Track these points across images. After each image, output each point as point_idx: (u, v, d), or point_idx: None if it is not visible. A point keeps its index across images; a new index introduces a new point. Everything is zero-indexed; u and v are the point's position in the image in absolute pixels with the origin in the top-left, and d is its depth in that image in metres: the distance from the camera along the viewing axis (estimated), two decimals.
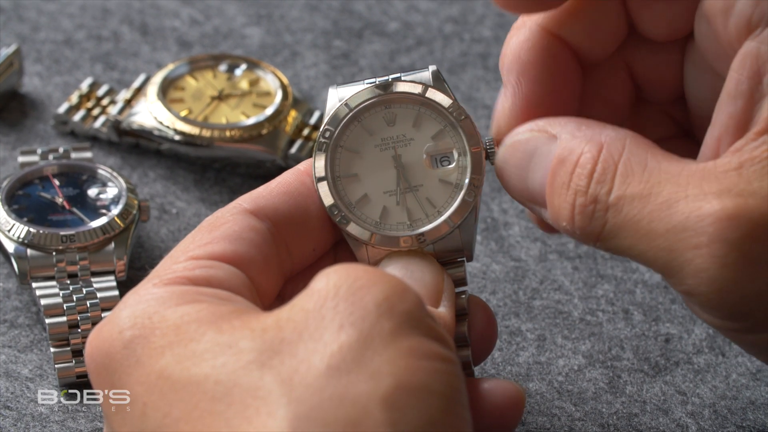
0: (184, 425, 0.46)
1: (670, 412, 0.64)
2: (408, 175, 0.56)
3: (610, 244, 0.51)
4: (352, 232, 0.55)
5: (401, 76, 0.56)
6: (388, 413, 0.45)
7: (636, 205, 0.49)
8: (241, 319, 0.48)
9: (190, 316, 0.49)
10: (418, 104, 0.56)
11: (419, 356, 0.46)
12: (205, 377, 0.47)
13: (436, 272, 0.55)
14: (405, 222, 0.56)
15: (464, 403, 0.48)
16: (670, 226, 0.48)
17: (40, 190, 0.70)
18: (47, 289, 0.66)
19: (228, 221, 0.54)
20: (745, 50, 0.50)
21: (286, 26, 0.86)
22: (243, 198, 0.55)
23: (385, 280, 0.48)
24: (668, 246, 0.49)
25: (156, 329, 0.49)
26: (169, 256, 0.53)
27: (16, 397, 0.63)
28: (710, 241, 0.47)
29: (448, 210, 0.55)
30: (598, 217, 0.50)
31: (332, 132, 0.56)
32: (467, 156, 0.55)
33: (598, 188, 0.51)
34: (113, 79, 0.82)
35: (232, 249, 0.53)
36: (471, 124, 0.55)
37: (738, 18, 0.50)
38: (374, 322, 0.47)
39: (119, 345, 0.49)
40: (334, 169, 0.56)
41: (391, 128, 0.56)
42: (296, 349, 0.46)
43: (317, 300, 0.47)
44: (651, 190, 0.49)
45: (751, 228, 0.47)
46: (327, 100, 0.56)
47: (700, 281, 0.48)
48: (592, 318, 0.68)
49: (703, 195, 0.48)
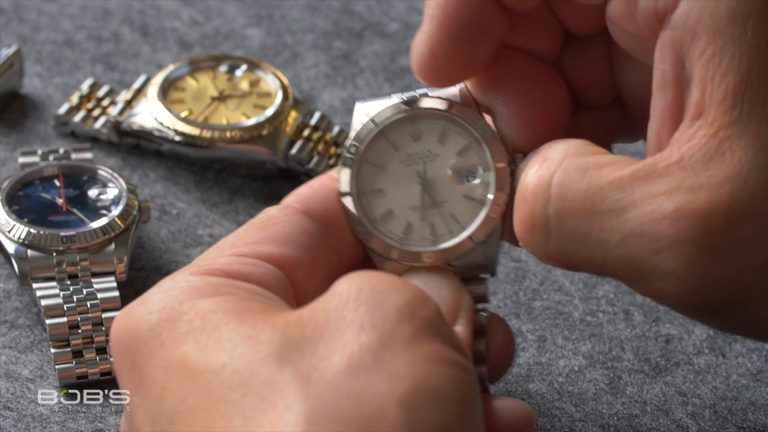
0: (199, 412, 0.47)
1: (670, 413, 0.64)
2: (432, 190, 0.56)
3: (563, 258, 0.50)
4: (375, 248, 0.55)
5: (428, 92, 0.56)
6: (404, 414, 0.45)
7: (579, 216, 0.49)
8: (265, 314, 0.49)
9: (219, 305, 0.49)
10: (444, 120, 0.56)
11: (437, 362, 0.47)
12: (222, 366, 0.47)
13: (454, 290, 0.55)
14: (428, 238, 0.56)
15: (479, 413, 0.48)
16: (624, 234, 0.48)
17: (40, 190, 0.70)
18: (48, 290, 0.66)
19: (280, 221, 0.54)
20: (662, 40, 0.49)
21: (286, 27, 0.86)
22: (293, 198, 0.55)
23: (407, 287, 0.48)
24: (627, 254, 0.48)
25: (184, 315, 0.49)
26: (216, 247, 0.53)
27: (17, 397, 0.63)
28: (672, 243, 0.47)
29: (472, 226, 0.55)
30: (544, 232, 0.50)
31: (358, 147, 0.56)
32: (492, 172, 0.55)
33: (536, 203, 0.50)
34: (114, 80, 0.82)
35: (280, 251, 0.53)
36: (496, 141, 0.55)
37: (644, 13, 0.50)
38: (395, 325, 0.47)
39: (146, 326, 0.50)
40: (359, 184, 0.56)
41: (416, 144, 0.56)
42: (316, 346, 0.47)
43: (339, 301, 0.48)
44: (593, 200, 0.49)
45: (707, 222, 0.47)
46: (353, 115, 0.57)
47: (669, 284, 0.48)
48: (593, 319, 0.68)
49: (652, 198, 0.48)
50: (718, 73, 0.48)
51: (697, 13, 0.48)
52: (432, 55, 0.54)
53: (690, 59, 0.49)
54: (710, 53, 0.48)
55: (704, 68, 0.48)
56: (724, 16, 0.48)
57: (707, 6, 0.48)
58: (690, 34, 0.49)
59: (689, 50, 0.49)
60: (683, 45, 0.49)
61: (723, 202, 0.47)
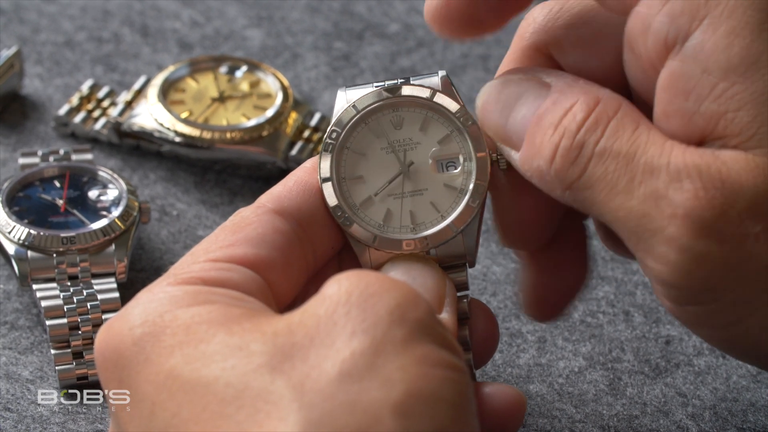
0: (194, 426, 0.46)
1: (670, 414, 0.64)
2: (413, 178, 0.56)
3: (581, 194, 0.51)
4: (355, 234, 0.55)
5: (410, 79, 0.56)
6: (399, 421, 0.45)
7: (620, 161, 0.49)
8: (252, 321, 0.48)
9: (201, 317, 0.49)
10: (425, 108, 0.56)
11: (430, 364, 0.46)
12: (215, 379, 0.47)
13: (438, 277, 0.55)
14: (408, 225, 0.56)
15: (473, 412, 0.48)
16: (649, 190, 0.49)
17: (40, 192, 0.70)
18: (48, 291, 0.66)
19: (253, 222, 0.54)
20: (668, 70, 0.50)
21: (286, 28, 0.86)
22: (266, 197, 0.55)
23: (397, 288, 0.48)
24: (642, 210, 0.49)
25: (167, 328, 0.49)
26: (190, 254, 0.53)
27: (17, 399, 0.64)
28: (686, 213, 0.48)
29: (452, 215, 0.55)
30: (579, 164, 0.50)
31: (339, 133, 0.56)
32: (473, 161, 0.55)
33: (587, 135, 0.50)
34: (114, 80, 0.82)
35: (253, 253, 0.53)
36: (477, 130, 0.55)
37: (655, 37, 0.50)
38: (386, 329, 0.47)
39: (129, 342, 0.49)
40: (339, 170, 0.56)
41: (398, 131, 0.56)
42: (308, 354, 0.46)
43: (329, 305, 0.47)
44: (637, 150, 0.49)
45: (725, 209, 0.48)
46: (335, 102, 0.56)
47: (668, 251, 0.48)
48: (593, 320, 0.68)
49: (684, 166, 0.48)
50: (730, 109, 0.48)
51: (711, 47, 0.48)
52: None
53: (697, 93, 0.49)
54: (722, 89, 0.48)
55: (715, 103, 0.48)
56: (737, 54, 0.48)
57: (720, 42, 0.48)
58: (701, 67, 0.49)
59: (698, 84, 0.49)
60: (691, 78, 0.49)
61: (743, 197, 0.48)
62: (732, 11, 0.48)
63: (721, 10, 0.49)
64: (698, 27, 0.49)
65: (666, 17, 0.49)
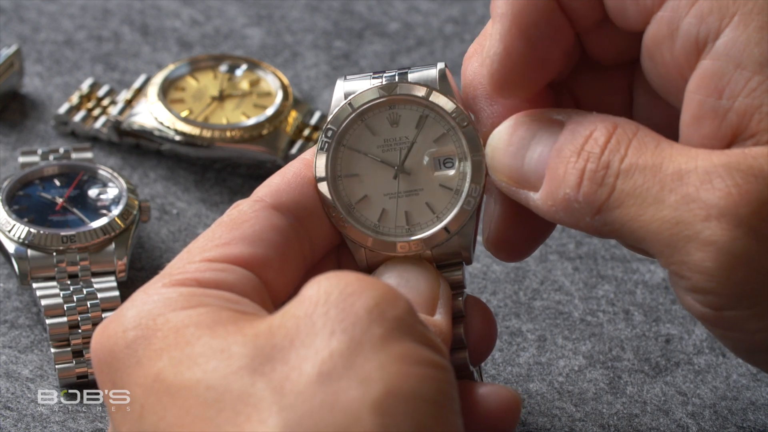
0: (178, 429, 0.46)
1: (670, 413, 0.64)
2: (409, 178, 0.56)
3: (611, 215, 0.50)
4: (350, 235, 0.55)
5: (408, 72, 0.56)
6: (378, 419, 0.45)
7: (648, 173, 0.49)
8: (237, 324, 0.48)
9: (191, 320, 0.49)
10: (422, 106, 0.56)
11: (410, 362, 0.46)
12: (197, 382, 0.47)
13: (431, 280, 0.54)
14: (403, 226, 0.55)
15: (456, 410, 0.47)
16: (680, 196, 0.48)
17: (40, 190, 0.70)
18: (48, 290, 0.66)
19: (250, 219, 0.53)
20: (700, 71, 0.49)
21: (286, 27, 0.86)
22: (263, 191, 0.55)
23: (376, 287, 0.48)
24: (675, 217, 0.48)
25: (158, 331, 0.49)
26: (187, 251, 0.53)
27: (17, 397, 0.64)
28: (721, 213, 0.47)
29: (447, 217, 0.55)
30: (607, 184, 0.50)
31: (335, 131, 0.56)
32: (468, 162, 0.55)
33: (611, 155, 0.50)
34: (114, 79, 0.82)
35: (249, 251, 0.52)
36: (473, 130, 0.55)
37: (684, 39, 0.49)
38: (365, 327, 0.46)
39: (122, 344, 0.49)
40: (335, 168, 0.56)
41: (394, 129, 0.56)
42: (288, 355, 0.46)
43: (308, 306, 0.47)
44: (663, 161, 0.49)
45: (760, 205, 0.47)
46: (333, 92, 0.56)
47: (706, 255, 0.47)
48: (593, 318, 0.68)
49: (713, 167, 0.48)
50: (765, 102, 0.48)
51: (743, 42, 0.48)
52: (506, 53, 0.52)
53: (731, 89, 0.49)
54: (757, 82, 0.48)
55: (749, 97, 0.48)
56: None
57: (753, 37, 0.48)
58: (734, 63, 0.48)
59: (731, 80, 0.49)
60: (724, 75, 0.49)
61: None
62: (763, 7, 0.48)
63: (751, 6, 0.48)
64: (729, 24, 0.48)
65: (695, 18, 0.49)
